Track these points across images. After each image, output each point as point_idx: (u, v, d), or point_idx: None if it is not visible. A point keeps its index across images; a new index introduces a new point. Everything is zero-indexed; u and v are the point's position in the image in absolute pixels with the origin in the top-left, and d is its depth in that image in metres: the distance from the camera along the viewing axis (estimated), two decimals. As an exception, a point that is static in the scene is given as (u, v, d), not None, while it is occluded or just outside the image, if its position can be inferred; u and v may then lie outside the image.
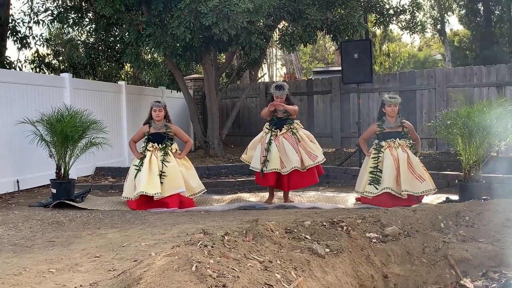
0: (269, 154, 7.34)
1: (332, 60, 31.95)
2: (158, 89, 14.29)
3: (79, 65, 13.56)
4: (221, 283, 2.83)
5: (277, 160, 7.30)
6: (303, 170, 7.33)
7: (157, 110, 7.56)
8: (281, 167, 7.31)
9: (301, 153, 7.36)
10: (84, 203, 7.52)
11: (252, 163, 7.54)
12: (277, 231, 4.02)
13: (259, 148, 7.50)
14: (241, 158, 8.02)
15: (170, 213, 6.93)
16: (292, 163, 7.26)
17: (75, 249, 4.70)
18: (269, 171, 7.31)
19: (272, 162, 7.30)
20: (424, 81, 12.22)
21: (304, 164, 7.34)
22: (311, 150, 7.46)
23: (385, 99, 7.46)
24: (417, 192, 7.01)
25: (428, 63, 28.58)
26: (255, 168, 7.47)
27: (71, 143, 7.59)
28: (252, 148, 7.73)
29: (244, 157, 7.88)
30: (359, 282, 3.85)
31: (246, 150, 7.86)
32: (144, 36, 10.22)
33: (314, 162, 7.41)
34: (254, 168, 7.49)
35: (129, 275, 3.02)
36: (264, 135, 7.56)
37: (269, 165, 7.31)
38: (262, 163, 7.33)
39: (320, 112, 13.92)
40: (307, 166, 7.36)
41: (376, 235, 4.37)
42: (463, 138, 7.03)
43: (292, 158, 7.28)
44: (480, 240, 4.51)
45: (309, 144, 7.52)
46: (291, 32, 11.16)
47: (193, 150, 13.45)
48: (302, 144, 7.45)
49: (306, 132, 7.71)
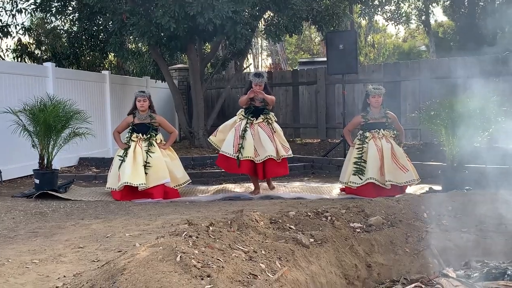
0: (244, 141, 7.33)
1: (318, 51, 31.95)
2: (143, 79, 14.20)
3: (62, 55, 13.42)
4: (206, 274, 2.83)
5: (251, 148, 7.30)
6: (278, 159, 7.36)
7: (141, 100, 7.51)
8: (255, 156, 7.31)
9: (276, 143, 7.39)
10: (67, 194, 7.47)
11: (223, 148, 7.47)
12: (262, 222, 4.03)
13: (231, 133, 7.45)
14: (209, 139, 7.94)
15: (155, 203, 6.91)
16: (267, 151, 7.26)
17: (59, 240, 4.67)
18: (244, 158, 7.29)
19: (246, 150, 7.29)
20: (408, 72, 12.27)
21: (279, 154, 7.38)
22: (284, 143, 7.55)
23: (369, 90, 7.49)
24: (401, 182, 7.06)
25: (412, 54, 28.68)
26: (225, 152, 7.41)
27: (54, 133, 7.52)
28: (222, 131, 7.67)
29: (212, 139, 7.76)
30: (343, 272, 3.88)
31: (215, 132, 7.76)
32: (128, 25, 10.13)
33: (287, 154, 7.51)
34: (224, 152, 7.44)
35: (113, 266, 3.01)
36: (239, 121, 7.54)
37: (243, 153, 7.29)
38: (237, 150, 7.31)
39: (306, 103, 13.93)
40: (281, 156, 7.41)
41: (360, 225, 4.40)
42: (447, 129, 7.09)
43: (268, 147, 7.28)
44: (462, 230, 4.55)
45: (283, 137, 7.62)
46: (277, 22, 11.13)
47: (178, 140, 13.41)
48: (277, 135, 7.50)
49: (278, 126, 7.73)
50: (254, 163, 7.36)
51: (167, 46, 11.48)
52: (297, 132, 13.97)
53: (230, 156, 7.35)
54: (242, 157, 7.28)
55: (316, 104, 13.71)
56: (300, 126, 14.01)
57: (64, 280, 3.41)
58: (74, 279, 3.39)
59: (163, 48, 11.91)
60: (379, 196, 6.37)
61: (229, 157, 7.36)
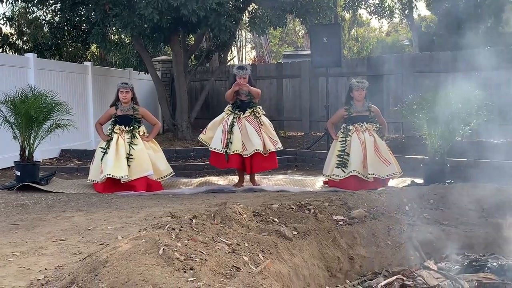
0: (232, 136, 7.31)
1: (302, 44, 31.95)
2: (125, 70, 14.09)
3: (44, 45, 13.26)
4: (189, 266, 2.82)
5: (239, 142, 7.28)
6: (265, 154, 7.35)
7: (124, 92, 7.46)
8: (243, 150, 7.29)
9: (264, 137, 7.37)
10: (49, 186, 7.40)
11: (212, 144, 7.46)
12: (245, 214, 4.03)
13: (220, 129, 7.45)
14: (199, 137, 7.92)
15: (138, 196, 6.87)
16: (254, 145, 7.25)
17: (40, 232, 4.63)
18: (232, 153, 7.28)
19: (234, 144, 7.28)
20: (391, 66, 12.30)
21: (266, 148, 7.36)
22: (272, 136, 7.51)
23: (352, 83, 7.51)
24: (383, 175, 7.10)
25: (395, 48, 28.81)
26: (215, 149, 7.41)
27: (35, 124, 7.44)
28: (211, 128, 7.66)
29: (202, 137, 7.75)
30: (326, 264, 3.90)
31: (205, 130, 7.74)
32: (110, 16, 10.04)
33: (275, 147, 7.45)
34: (214, 149, 7.43)
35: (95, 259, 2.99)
36: (226, 117, 7.52)
37: (231, 147, 7.28)
38: (225, 145, 7.29)
39: (289, 96, 13.94)
40: (269, 150, 7.39)
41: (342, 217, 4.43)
42: (429, 123, 7.14)
43: (255, 141, 7.26)
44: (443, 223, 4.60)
45: (271, 130, 7.56)
46: (261, 14, 11.11)
47: (161, 133, 13.34)
48: (264, 128, 7.47)
49: (267, 119, 7.71)
50: (242, 157, 7.34)
51: (150, 38, 11.39)
52: (280, 125, 13.97)
53: (219, 151, 7.34)
54: (230, 151, 7.27)
55: (299, 97, 13.72)
56: (284, 119, 14.03)
57: (45, 272, 3.38)
58: (55, 271, 3.37)
59: (146, 40, 11.81)
60: (361, 189, 6.41)
61: (218, 153, 7.35)
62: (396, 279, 3.68)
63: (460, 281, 3.49)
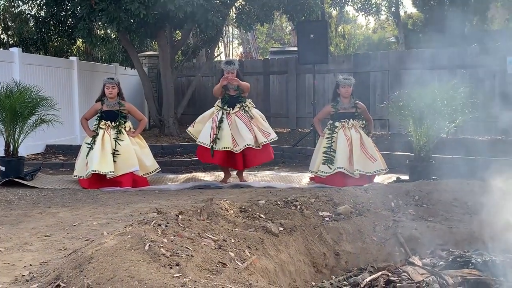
0: (221, 132, 7.28)
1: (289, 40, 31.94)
2: (112, 65, 14.01)
3: (29, 40, 13.13)
4: (175, 262, 2.82)
5: (229, 138, 7.24)
6: (257, 147, 7.33)
7: (110, 87, 7.42)
8: (233, 146, 7.27)
9: (255, 131, 7.34)
10: (34, 181, 7.35)
11: (199, 138, 7.43)
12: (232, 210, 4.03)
13: (209, 124, 7.41)
14: (187, 130, 7.90)
15: (123, 192, 6.84)
16: (245, 141, 7.22)
17: (25, 228, 4.60)
18: (220, 149, 7.26)
19: (224, 141, 7.23)
20: (377, 63, 12.37)
21: (258, 141, 7.34)
22: (264, 128, 7.47)
23: (339, 80, 7.54)
24: (369, 172, 7.14)
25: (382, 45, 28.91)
26: (202, 143, 7.38)
27: (20, 119, 7.38)
28: (200, 122, 7.63)
29: (190, 130, 7.72)
30: (312, 260, 3.91)
31: (193, 123, 7.72)
32: (96, 10, 9.96)
33: (268, 139, 7.42)
34: (201, 143, 7.40)
35: (81, 254, 2.98)
36: (216, 112, 7.50)
37: (219, 144, 7.25)
38: (213, 140, 7.26)
39: (276, 92, 13.95)
40: (262, 143, 7.36)
41: (328, 213, 4.44)
42: (414, 120, 7.18)
43: (245, 136, 7.24)
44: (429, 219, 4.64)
45: (262, 122, 7.53)
46: (248, 10, 11.09)
47: (148, 128, 13.29)
48: (255, 122, 7.44)
49: (258, 111, 7.70)
50: (228, 154, 7.31)
51: (137, 33, 11.33)
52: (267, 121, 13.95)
53: (205, 146, 7.31)
54: (216, 147, 7.24)
55: (286, 93, 13.74)
56: (271, 116, 14.00)
57: (30, 268, 3.36)
58: (40, 267, 3.35)
59: (132, 35, 11.74)
60: (347, 185, 6.44)
61: (205, 147, 7.33)
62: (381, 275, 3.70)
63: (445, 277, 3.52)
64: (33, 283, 3.03)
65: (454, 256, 4.05)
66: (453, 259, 3.96)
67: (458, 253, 4.13)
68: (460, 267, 3.81)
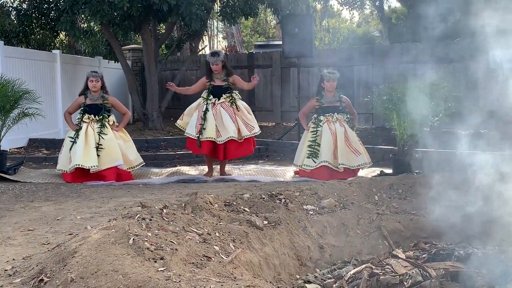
0: (206, 122, 7.29)
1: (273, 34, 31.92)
2: (95, 59, 13.89)
3: (11, 33, 12.98)
4: (159, 256, 2.82)
5: (213, 129, 7.25)
6: (239, 140, 7.33)
7: (93, 80, 7.36)
8: (217, 136, 7.27)
9: (239, 123, 7.34)
10: (16, 175, 7.28)
11: (187, 129, 7.45)
12: (216, 204, 4.03)
13: (195, 115, 7.42)
14: (176, 123, 7.90)
15: (107, 186, 6.81)
16: (229, 132, 7.22)
17: (7, 223, 4.56)
18: (205, 139, 7.26)
19: (208, 131, 7.25)
20: (362, 57, 12.40)
21: (241, 134, 7.34)
22: (248, 121, 7.47)
23: (324, 74, 7.55)
24: (353, 165, 7.17)
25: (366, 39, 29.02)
26: (189, 134, 7.39)
27: (2, 113, 7.30)
28: (188, 114, 7.63)
29: (179, 123, 7.74)
30: (296, 253, 3.93)
31: (182, 116, 7.73)
32: (80, 3, 9.85)
33: (251, 133, 7.42)
34: (188, 134, 7.41)
35: (64, 249, 2.96)
36: (202, 103, 7.49)
37: (204, 133, 7.26)
38: (199, 131, 7.26)
39: (261, 86, 13.92)
40: (244, 136, 7.36)
41: (313, 207, 4.46)
42: (398, 113, 7.21)
43: (229, 128, 7.24)
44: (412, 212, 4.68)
45: (247, 115, 7.53)
46: (232, 4, 11.05)
47: (131, 122, 13.20)
48: (240, 114, 7.44)
49: (244, 103, 7.69)
50: (214, 144, 7.31)
51: (120, 26, 11.23)
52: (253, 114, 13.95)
53: (192, 137, 7.32)
54: (202, 137, 7.24)
55: (271, 87, 13.73)
56: (256, 110, 13.96)
57: (13, 263, 3.33)
58: (23, 262, 3.32)
59: (116, 28, 11.64)
60: (332, 179, 6.47)
61: (193, 138, 7.32)
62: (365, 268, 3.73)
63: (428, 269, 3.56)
64: (16, 278, 3.01)
65: (437, 249, 4.09)
66: (436, 252, 4.00)
67: (441, 246, 4.18)
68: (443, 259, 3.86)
